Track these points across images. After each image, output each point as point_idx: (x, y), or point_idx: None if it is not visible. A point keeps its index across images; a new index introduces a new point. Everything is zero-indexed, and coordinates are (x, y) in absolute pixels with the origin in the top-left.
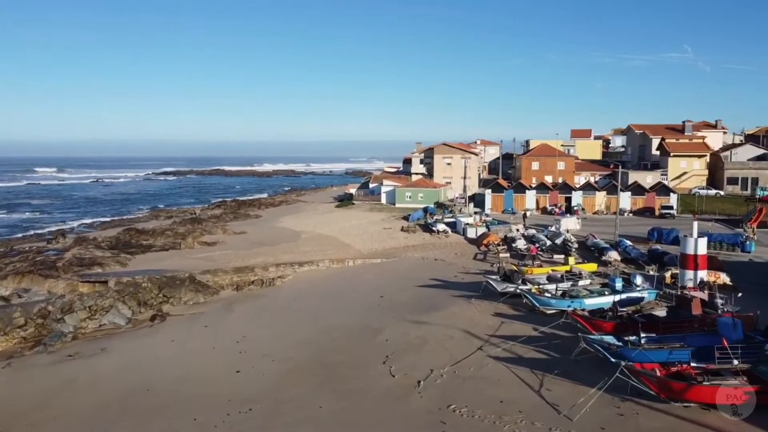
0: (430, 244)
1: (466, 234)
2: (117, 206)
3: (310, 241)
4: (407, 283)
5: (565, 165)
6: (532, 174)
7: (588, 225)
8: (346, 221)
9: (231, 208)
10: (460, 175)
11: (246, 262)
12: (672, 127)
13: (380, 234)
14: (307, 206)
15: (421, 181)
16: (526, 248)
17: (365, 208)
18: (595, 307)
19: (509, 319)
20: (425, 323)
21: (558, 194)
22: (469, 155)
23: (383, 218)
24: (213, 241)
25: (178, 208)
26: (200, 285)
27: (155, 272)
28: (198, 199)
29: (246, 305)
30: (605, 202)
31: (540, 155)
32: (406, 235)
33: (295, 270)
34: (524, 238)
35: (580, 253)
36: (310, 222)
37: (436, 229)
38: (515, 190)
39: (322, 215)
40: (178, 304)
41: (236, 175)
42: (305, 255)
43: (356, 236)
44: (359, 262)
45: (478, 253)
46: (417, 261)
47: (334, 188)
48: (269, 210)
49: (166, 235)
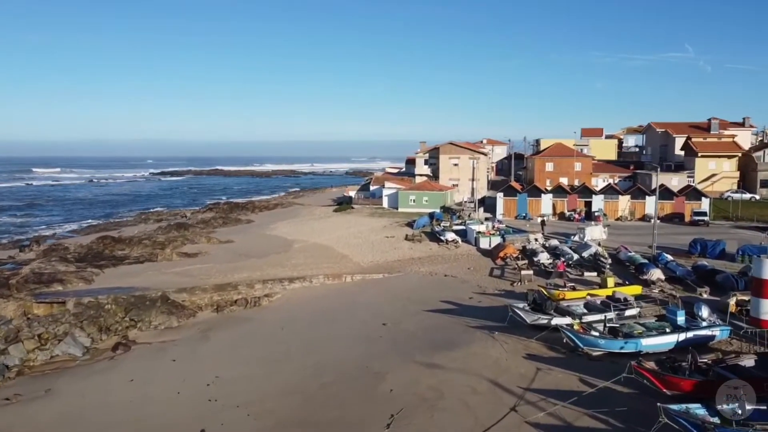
0: (438, 255)
1: (478, 244)
2: (108, 208)
3: (304, 252)
4: (414, 306)
5: (581, 166)
6: (545, 176)
7: (613, 234)
8: (345, 228)
9: (222, 212)
10: (468, 177)
11: (229, 278)
12: (696, 125)
13: (382, 243)
14: (303, 210)
15: (426, 183)
16: (550, 263)
17: (365, 212)
18: (655, 349)
19: (546, 363)
20: (439, 367)
21: (577, 198)
22: (478, 155)
23: (385, 225)
24: (194, 252)
25: (169, 211)
26: (174, 306)
27: (123, 291)
28: (192, 200)
29: (225, 332)
30: (629, 207)
31: (554, 155)
32: (411, 245)
33: (285, 287)
34: (546, 250)
35: (614, 270)
36: (304, 229)
37: (444, 238)
38: (529, 194)
39: (318, 221)
40: (147, 329)
41: (235, 175)
42: (297, 269)
43: (355, 246)
44: (358, 277)
45: (494, 268)
46: (424, 277)
47: (334, 189)
48: (262, 214)
49: (144, 244)
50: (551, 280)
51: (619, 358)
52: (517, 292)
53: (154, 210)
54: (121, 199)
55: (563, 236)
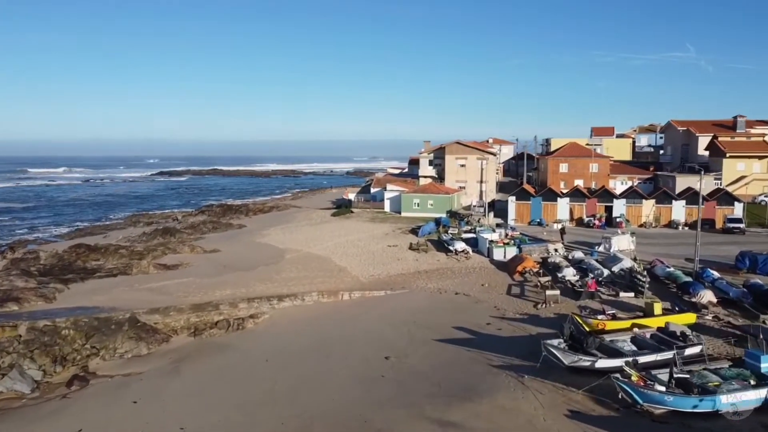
0: (447, 268)
1: (491, 256)
2: (101, 210)
3: (296, 263)
4: (422, 333)
5: (598, 167)
6: (559, 177)
7: (638, 243)
8: (343, 236)
9: (215, 215)
10: (476, 179)
11: (210, 296)
12: (720, 123)
13: (384, 253)
14: (300, 214)
15: (430, 185)
16: (578, 280)
17: (365, 217)
18: (737, 408)
19: (596, 425)
20: (458, 427)
21: (596, 203)
22: (486, 155)
23: (387, 231)
24: (174, 264)
25: (161, 212)
26: (144, 330)
27: (87, 311)
28: (188, 202)
29: (200, 364)
30: (654, 212)
31: (569, 156)
32: (416, 255)
33: (274, 306)
34: (571, 264)
35: (653, 290)
36: (299, 236)
37: (453, 248)
38: (544, 198)
39: (314, 227)
40: (112, 358)
41: (234, 175)
42: (288, 284)
43: (354, 257)
44: (357, 295)
45: (513, 285)
46: (432, 295)
47: (334, 190)
48: (256, 218)
49: (120, 254)
50: (581, 301)
51: (691, 419)
52: (543, 317)
53: (146, 212)
54: (115, 201)
55: (586, 246)
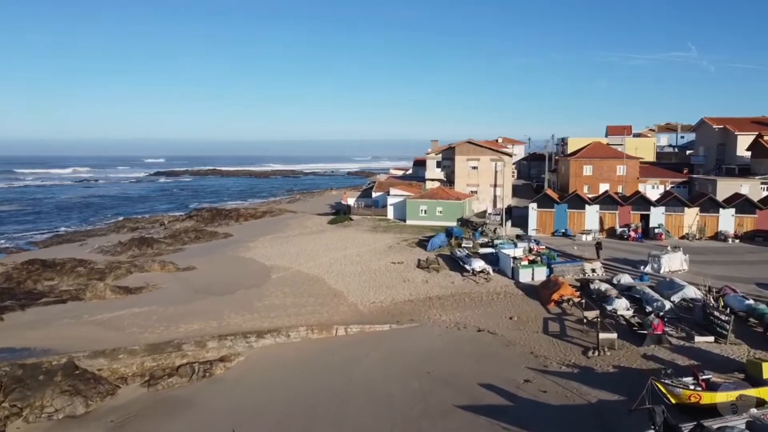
0: (465, 293)
1: (517, 277)
2: (88, 213)
3: (283, 285)
4: (440, 395)
5: (626, 169)
6: (582, 181)
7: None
8: (340, 249)
9: (203, 220)
10: (490, 182)
11: (173, 332)
12: (760, 121)
13: (387, 273)
14: (294, 221)
15: (439, 190)
16: (633, 316)
17: (366, 225)
18: None
19: None
20: None
21: (630, 211)
22: (502, 156)
23: (390, 244)
24: (138, 286)
25: (150, 216)
26: (83, 379)
27: (13, 355)
28: (180, 204)
29: (148, 430)
30: (697, 222)
31: (594, 157)
32: (426, 275)
33: (251, 345)
34: (617, 290)
35: (737, 333)
36: (289, 249)
37: (470, 267)
38: (570, 205)
39: (308, 237)
40: (38, 419)
41: (234, 175)
42: (271, 315)
43: (352, 277)
44: (354, 329)
45: (549, 319)
46: (449, 332)
47: (333, 192)
48: (246, 225)
49: (77, 273)
50: (645, 347)
51: None
52: (598, 371)
53: (134, 216)
54: (106, 203)
55: (624, 265)
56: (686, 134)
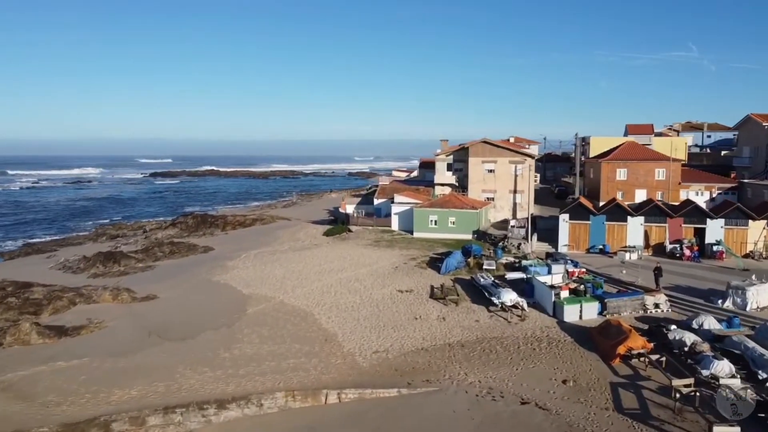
0: (495, 337)
1: (560, 315)
2: (72, 218)
3: (262, 324)
4: None
5: (666, 173)
6: (615, 186)
7: None
8: (335, 270)
9: (187, 228)
10: (509, 188)
11: (103, 400)
12: None
13: (393, 304)
14: (285, 231)
15: (452, 197)
16: (745, 387)
17: (367, 238)
18: None
19: None
20: None
21: (682, 224)
22: (523, 158)
23: (396, 263)
24: (78, 325)
25: (135, 222)
26: None
27: None
28: (169, 207)
29: None
30: (765, 237)
31: (629, 159)
32: (442, 309)
33: (209, 420)
34: (704, 340)
35: None
36: (274, 271)
37: (499, 301)
38: (609, 216)
39: (299, 253)
40: None
41: (231, 176)
42: (240, 371)
43: (349, 311)
44: (351, 395)
45: (618, 384)
46: (480, 404)
47: (333, 194)
48: (231, 235)
49: (7, 304)
50: None
51: None
52: None
53: (118, 221)
54: (94, 206)
55: (691, 296)
56: (712, 133)
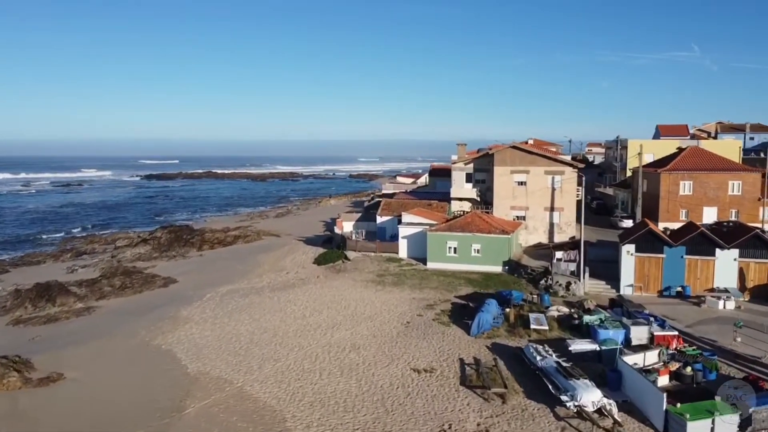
0: None
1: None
2: (46, 227)
3: None
4: None
5: (741, 187)
6: (678, 203)
7: None
8: (324, 328)
9: (159, 246)
10: (544, 205)
11: None
12: None
13: (408, 400)
14: (269, 256)
15: (475, 217)
16: None
17: (367, 271)
18: None
19: None
20: None
21: None
22: (562, 167)
23: (407, 315)
24: None
25: (110, 234)
26: None
27: None
28: (152, 216)
29: None
30: None
31: (695, 169)
32: (483, 406)
33: None
34: None
35: None
36: (241, 328)
37: (576, 404)
38: (689, 249)
39: (279, 294)
40: None
41: (229, 178)
42: None
43: (339, 415)
44: None
45: None
46: None
47: (332, 201)
48: (206, 257)
49: None
50: None
51: None
52: None
53: (92, 233)
54: (74, 213)
55: None
56: (755, 134)
